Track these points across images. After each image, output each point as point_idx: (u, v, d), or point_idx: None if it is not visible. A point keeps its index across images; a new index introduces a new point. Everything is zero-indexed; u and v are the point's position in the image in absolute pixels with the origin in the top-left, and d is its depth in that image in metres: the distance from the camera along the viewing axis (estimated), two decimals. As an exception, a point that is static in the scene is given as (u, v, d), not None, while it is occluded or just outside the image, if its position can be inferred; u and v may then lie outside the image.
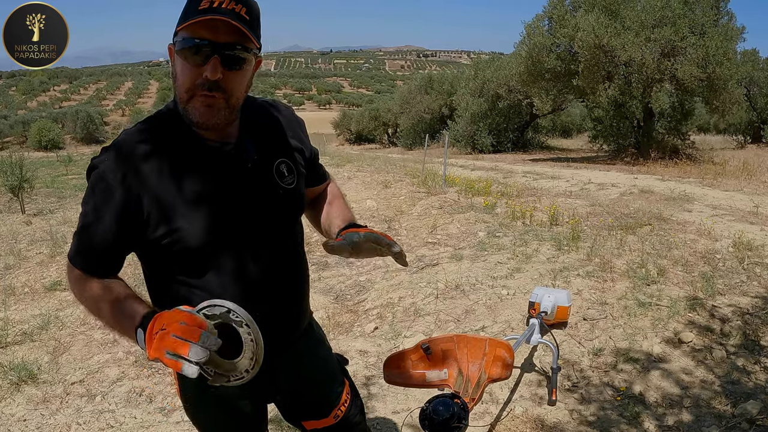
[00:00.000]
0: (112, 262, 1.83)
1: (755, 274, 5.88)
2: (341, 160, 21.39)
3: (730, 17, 19.02)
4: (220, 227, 1.81)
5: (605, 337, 4.88)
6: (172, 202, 1.76)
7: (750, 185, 12.42)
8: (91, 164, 1.78)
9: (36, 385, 4.89)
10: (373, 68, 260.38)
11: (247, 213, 1.87)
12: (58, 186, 18.98)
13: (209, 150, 1.82)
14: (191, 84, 1.71)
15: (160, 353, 1.49)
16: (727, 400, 3.89)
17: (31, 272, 8.10)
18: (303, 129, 2.17)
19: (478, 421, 3.96)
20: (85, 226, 1.78)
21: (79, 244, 1.81)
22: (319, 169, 2.28)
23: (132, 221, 1.74)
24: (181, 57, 1.71)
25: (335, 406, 2.29)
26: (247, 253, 1.89)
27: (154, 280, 1.94)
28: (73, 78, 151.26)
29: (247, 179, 1.88)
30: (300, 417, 2.27)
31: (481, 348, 2.62)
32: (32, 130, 51.60)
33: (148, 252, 1.85)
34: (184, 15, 1.69)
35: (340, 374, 2.37)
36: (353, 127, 52.83)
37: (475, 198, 10.86)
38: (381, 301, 6.28)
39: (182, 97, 1.75)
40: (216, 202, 1.81)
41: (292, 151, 2.05)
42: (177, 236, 1.76)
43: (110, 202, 1.73)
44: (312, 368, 2.23)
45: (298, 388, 2.19)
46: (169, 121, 1.83)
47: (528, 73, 22.56)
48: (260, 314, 1.75)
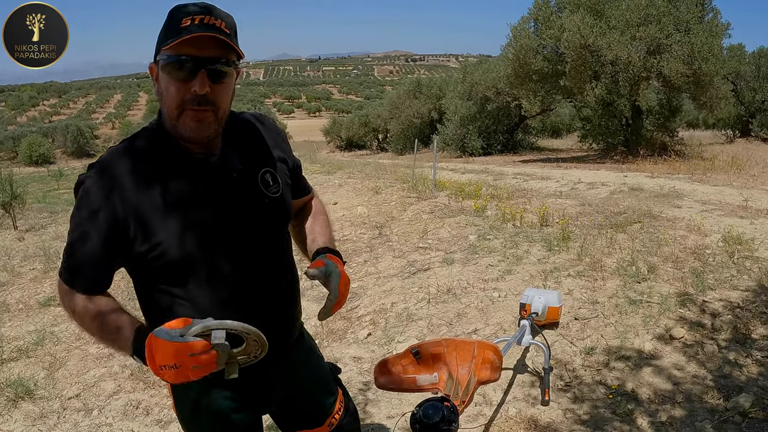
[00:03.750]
0: (101, 277, 1.85)
1: (745, 268, 5.90)
2: (332, 167, 21.38)
3: (714, 14, 19.10)
4: (208, 238, 1.83)
5: (597, 335, 4.90)
6: (159, 215, 1.78)
7: (739, 179, 12.45)
8: (78, 180, 1.81)
9: (33, 401, 4.90)
10: (362, 74, 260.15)
11: (234, 223, 1.89)
12: (50, 201, 18.92)
13: (195, 162, 1.84)
14: (180, 100, 1.74)
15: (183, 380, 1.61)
16: (720, 394, 3.91)
17: (25, 288, 8.10)
18: (285, 140, 2.20)
19: (472, 423, 3.98)
20: (72, 243, 1.81)
21: (68, 260, 1.83)
22: (302, 181, 2.31)
23: (119, 236, 1.76)
24: (167, 74, 1.73)
25: (329, 415, 2.31)
26: (237, 263, 1.91)
27: (144, 293, 1.95)
28: (62, 92, 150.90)
29: (232, 189, 1.90)
30: (295, 426, 2.29)
31: (470, 351, 2.65)
32: (22, 146, 51.37)
33: (138, 266, 1.87)
34: (165, 34, 1.72)
35: (333, 383, 2.39)
36: (343, 133, 52.77)
37: (466, 201, 10.87)
38: (374, 307, 6.30)
39: (171, 113, 1.77)
40: (203, 214, 1.83)
41: (275, 162, 2.08)
42: (165, 249, 1.78)
43: (96, 219, 1.75)
44: (305, 377, 2.25)
45: (292, 396, 2.21)
46: (154, 136, 1.86)
47: (515, 75, 22.57)
48: (252, 322, 1.78)
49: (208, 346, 1.57)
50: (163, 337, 1.57)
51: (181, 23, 1.69)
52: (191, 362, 1.55)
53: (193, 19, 1.69)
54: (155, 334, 1.59)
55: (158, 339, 1.57)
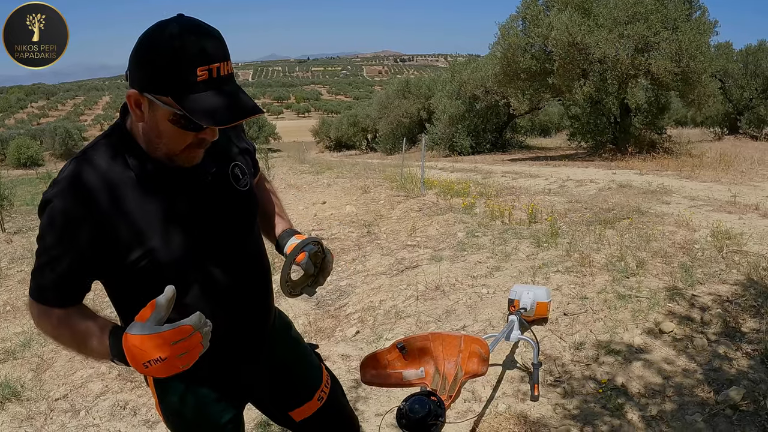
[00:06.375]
0: (79, 291, 1.79)
1: (734, 262, 5.91)
2: (321, 167, 21.41)
3: (702, 11, 19.18)
4: (190, 242, 1.80)
5: (586, 330, 4.89)
6: (140, 224, 1.72)
7: (727, 175, 12.51)
8: (45, 199, 1.71)
9: (20, 403, 4.86)
10: (351, 74, 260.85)
11: (214, 224, 1.87)
12: (38, 203, 18.84)
13: (167, 170, 1.77)
14: (185, 145, 1.69)
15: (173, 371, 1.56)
16: (710, 387, 3.90)
17: (12, 290, 8.05)
18: (241, 126, 2.15)
19: (461, 420, 3.97)
20: (49, 261, 1.71)
21: (44, 279, 1.74)
22: (256, 162, 2.27)
23: (101, 249, 1.70)
24: (173, 123, 1.64)
25: (318, 387, 2.30)
26: (217, 262, 1.89)
27: (123, 300, 1.90)
28: (50, 94, 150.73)
29: (208, 192, 1.86)
30: (285, 407, 2.28)
31: (457, 345, 2.63)
32: (11, 148, 51.06)
33: (118, 276, 1.80)
34: (175, 82, 1.57)
35: (315, 356, 2.38)
36: (332, 134, 52.79)
37: (454, 199, 10.88)
38: (362, 305, 6.29)
39: (171, 153, 1.71)
40: (182, 218, 1.79)
41: (240, 153, 2.07)
42: (150, 257, 1.73)
43: (76, 235, 1.67)
44: (285, 352, 2.25)
45: (278, 376, 2.20)
46: (120, 144, 1.77)
47: (504, 73, 22.60)
48: (234, 318, 1.75)
49: (189, 329, 1.53)
50: (139, 332, 1.52)
51: (197, 74, 1.56)
52: (177, 350, 1.51)
53: (210, 70, 1.57)
54: (129, 331, 1.53)
55: (135, 336, 1.52)
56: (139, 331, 1.52)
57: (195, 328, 1.54)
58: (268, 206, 2.33)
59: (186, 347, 1.53)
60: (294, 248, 2.05)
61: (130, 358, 1.54)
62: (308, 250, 2.05)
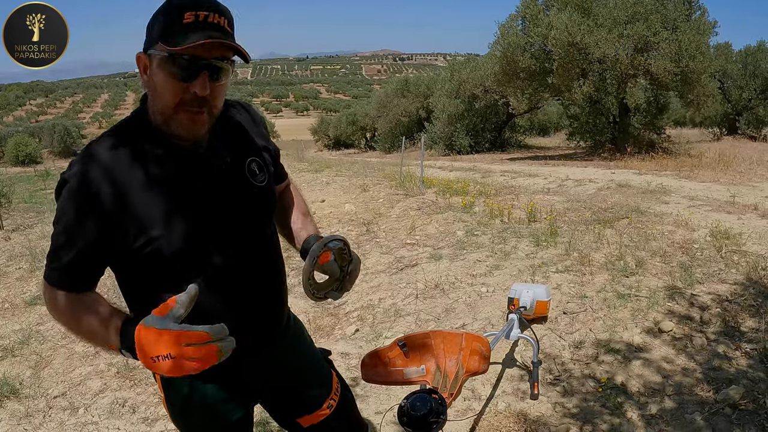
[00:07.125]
0: (89, 278, 1.78)
1: (733, 262, 5.92)
2: (320, 165, 21.36)
3: (702, 12, 19.19)
4: (199, 230, 1.79)
5: (585, 329, 4.90)
6: (150, 209, 1.72)
7: (726, 176, 12.51)
8: (62, 179, 1.71)
9: (18, 400, 4.85)
10: (350, 73, 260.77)
11: (225, 214, 1.85)
12: (37, 201, 18.78)
13: (182, 154, 1.78)
14: (178, 100, 1.68)
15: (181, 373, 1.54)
16: (709, 386, 3.91)
17: (10, 288, 8.04)
18: (266, 127, 2.16)
19: (461, 418, 3.97)
20: (58, 248, 1.72)
21: (54, 263, 1.75)
22: (281, 167, 2.27)
23: (111, 233, 1.70)
24: (164, 71, 1.66)
25: (327, 396, 2.28)
26: (227, 254, 1.87)
27: (132, 289, 1.90)
28: (49, 92, 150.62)
29: (221, 180, 1.86)
30: (294, 414, 2.26)
31: (458, 343, 2.63)
32: (9, 146, 50.95)
33: (127, 262, 1.80)
34: (164, 25, 1.65)
35: (326, 364, 2.37)
36: (331, 132, 52.71)
37: (453, 198, 10.88)
38: (361, 303, 6.28)
39: (165, 111, 1.71)
40: (194, 206, 1.78)
41: (260, 150, 2.05)
42: (158, 244, 1.72)
43: (86, 220, 1.68)
44: (297, 359, 2.23)
45: (287, 381, 2.19)
46: (138, 128, 1.79)
47: (503, 72, 22.60)
48: (239, 315, 1.75)
49: (206, 337, 1.50)
50: (152, 324, 1.51)
51: (184, 17, 1.62)
52: (188, 353, 1.49)
53: (197, 15, 1.62)
54: (144, 323, 1.53)
55: (149, 328, 1.51)
56: (153, 324, 1.52)
57: (213, 337, 1.52)
58: (292, 211, 2.32)
59: (198, 354, 1.50)
60: (317, 244, 1.95)
61: (139, 349, 1.53)
62: (333, 246, 1.97)
